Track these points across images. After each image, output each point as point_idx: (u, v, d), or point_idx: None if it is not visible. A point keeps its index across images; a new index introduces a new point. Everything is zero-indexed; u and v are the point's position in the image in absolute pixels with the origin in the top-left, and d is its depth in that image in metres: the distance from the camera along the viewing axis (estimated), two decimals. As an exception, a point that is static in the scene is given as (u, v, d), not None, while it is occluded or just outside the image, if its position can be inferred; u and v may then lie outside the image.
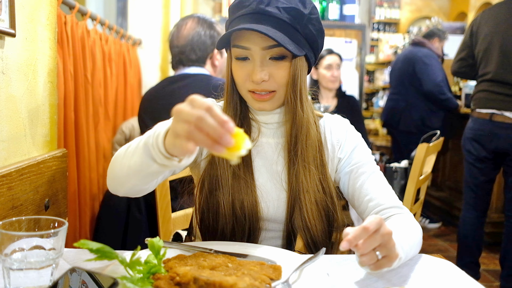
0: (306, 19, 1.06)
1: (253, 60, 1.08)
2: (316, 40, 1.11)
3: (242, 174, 1.12)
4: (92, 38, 2.22)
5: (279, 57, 1.07)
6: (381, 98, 6.79)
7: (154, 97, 2.09)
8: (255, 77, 1.06)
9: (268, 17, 1.04)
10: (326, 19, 4.97)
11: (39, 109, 1.28)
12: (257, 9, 1.04)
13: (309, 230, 1.10)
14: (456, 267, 0.98)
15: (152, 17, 3.63)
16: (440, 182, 4.74)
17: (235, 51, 1.10)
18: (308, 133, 1.12)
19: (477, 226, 2.87)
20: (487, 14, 2.81)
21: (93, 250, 0.79)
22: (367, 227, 0.79)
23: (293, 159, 1.13)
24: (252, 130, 1.18)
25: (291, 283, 0.84)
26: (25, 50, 1.19)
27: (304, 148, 1.12)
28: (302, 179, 1.11)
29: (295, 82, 1.09)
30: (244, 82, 1.10)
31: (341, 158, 1.20)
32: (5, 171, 1.04)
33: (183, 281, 0.77)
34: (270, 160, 1.17)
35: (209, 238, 1.16)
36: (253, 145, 1.17)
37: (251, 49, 1.07)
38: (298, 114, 1.11)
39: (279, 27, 1.04)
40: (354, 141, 1.21)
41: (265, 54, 1.07)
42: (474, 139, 2.79)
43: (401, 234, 0.98)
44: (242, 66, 1.09)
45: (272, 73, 1.08)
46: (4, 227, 0.79)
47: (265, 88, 1.09)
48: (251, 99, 1.12)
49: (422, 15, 8.31)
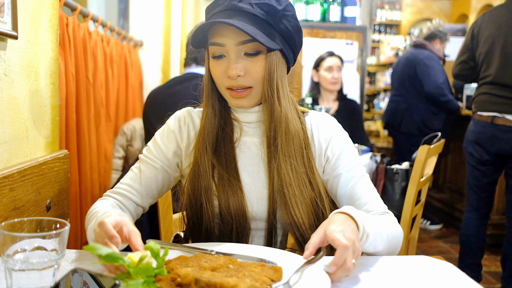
0: (280, 15, 1.07)
1: (228, 56, 1.09)
2: (292, 36, 1.11)
3: (226, 175, 1.13)
4: (93, 39, 2.23)
5: (253, 52, 1.08)
6: (382, 100, 6.78)
7: (160, 96, 2.10)
8: (231, 72, 1.07)
9: (241, 13, 1.05)
10: (327, 21, 4.98)
11: (41, 111, 1.28)
12: (229, 6, 1.06)
13: (298, 226, 1.09)
14: (457, 269, 0.98)
15: (154, 18, 3.64)
16: (441, 183, 4.73)
17: (211, 49, 1.11)
18: (288, 128, 1.12)
19: (480, 227, 2.87)
20: (488, 16, 2.80)
21: (102, 256, 0.79)
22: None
23: (273, 153, 1.12)
24: (235, 130, 1.19)
25: (292, 284, 0.84)
26: (27, 52, 1.19)
27: (284, 142, 1.11)
28: (283, 173, 1.10)
29: (271, 77, 1.09)
30: (222, 79, 1.10)
31: (329, 157, 1.18)
32: (7, 172, 1.04)
33: (184, 282, 0.77)
34: (253, 159, 1.17)
35: (196, 240, 1.17)
36: (236, 145, 1.17)
37: (225, 45, 1.07)
38: (276, 110, 1.11)
39: (251, 22, 1.04)
40: (343, 141, 1.20)
41: (240, 49, 1.07)
42: (476, 142, 2.79)
43: (373, 218, 1.04)
44: (219, 64, 1.10)
45: (248, 68, 1.08)
46: (7, 228, 0.79)
47: (241, 84, 1.09)
48: (229, 96, 1.12)
49: (423, 17, 8.31)
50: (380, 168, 2.48)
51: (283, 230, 1.18)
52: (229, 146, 1.16)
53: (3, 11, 1.04)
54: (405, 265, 1.01)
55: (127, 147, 2.78)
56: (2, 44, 1.07)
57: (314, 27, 4.85)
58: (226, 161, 1.14)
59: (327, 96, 3.30)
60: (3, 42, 1.07)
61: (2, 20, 1.04)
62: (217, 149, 1.15)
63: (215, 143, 1.15)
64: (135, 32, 3.53)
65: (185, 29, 4.43)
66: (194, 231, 1.17)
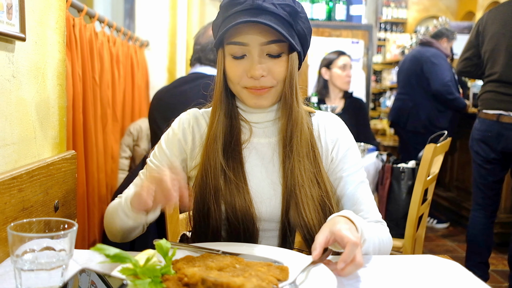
0: (298, 16, 1.07)
1: (250, 56, 1.07)
2: (306, 38, 1.11)
3: (233, 178, 1.12)
4: (100, 40, 2.24)
5: (276, 54, 1.07)
6: (388, 98, 6.76)
7: (166, 96, 2.11)
8: (255, 72, 1.05)
9: (266, 12, 1.03)
10: (333, 19, 4.96)
11: (48, 112, 1.29)
12: (254, 5, 1.03)
13: (306, 225, 1.10)
14: (464, 268, 0.98)
15: (159, 18, 3.65)
16: (448, 182, 4.71)
17: (231, 48, 1.08)
18: (302, 128, 1.13)
19: (487, 226, 2.86)
20: (494, 13, 2.79)
21: (110, 256, 0.80)
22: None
23: (288, 154, 1.12)
24: (243, 131, 1.18)
25: (298, 284, 0.84)
26: (35, 53, 1.20)
27: (299, 143, 1.12)
28: (297, 174, 1.11)
29: (292, 77, 1.09)
30: (240, 78, 1.09)
31: (334, 158, 1.19)
32: (16, 173, 1.05)
33: (191, 282, 0.77)
34: (264, 159, 1.17)
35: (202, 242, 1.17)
36: (245, 146, 1.17)
37: (249, 44, 1.06)
38: (294, 110, 1.12)
39: (277, 22, 1.03)
40: (348, 143, 1.20)
41: (263, 50, 1.06)
42: (482, 141, 2.78)
43: (369, 224, 1.07)
44: (238, 64, 1.08)
45: (271, 69, 1.07)
46: (16, 228, 0.80)
47: (264, 85, 1.08)
48: (248, 94, 1.10)
49: (429, 15, 8.26)
50: (386, 167, 2.47)
51: (293, 229, 1.19)
52: (237, 148, 1.16)
53: (11, 14, 1.05)
54: (412, 264, 1.01)
55: (133, 147, 2.80)
56: (10, 46, 1.08)
57: (319, 26, 4.84)
58: (233, 164, 1.14)
59: (336, 94, 3.29)
60: (11, 44, 1.08)
61: (10, 23, 1.05)
62: (226, 152, 1.15)
63: (225, 146, 1.15)
64: (141, 32, 3.54)
65: (191, 29, 4.43)
66: (200, 234, 1.17)
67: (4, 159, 1.07)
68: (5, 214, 1.00)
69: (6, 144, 1.07)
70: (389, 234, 1.15)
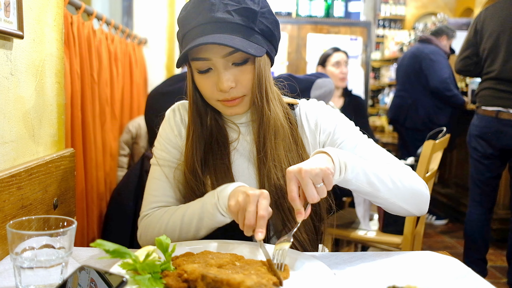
0: (259, 15, 1.04)
1: (215, 69, 1.06)
2: (272, 33, 1.09)
3: (220, 178, 1.12)
4: (98, 37, 2.24)
5: (241, 62, 1.05)
6: (387, 95, 6.77)
7: (160, 94, 2.10)
8: (222, 85, 1.04)
9: (221, 24, 1.01)
10: (331, 16, 4.97)
11: (47, 110, 1.29)
12: (208, 18, 1.01)
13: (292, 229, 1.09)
14: (463, 264, 0.99)
15: (158, 16, 3.64)
16: (447, 179, 4.72)
17: (195, 64, 1.07)
18: (277, 132, 1.11)
19: (484, 222, 2.86)
20: (491, 11, 2.78)
21: (109, 251, 0.80)
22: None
23: (262, 160, 1.11)
24: (231, 132, 1.18)
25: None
26: (33, 51, 1.20)
27: (274, 148, 1.10)
28: (274, 179, 1.09)
29: (260, 82, 1.07)
30: (212, 93, 1.08)
31: (324, 140, 1.17)
32: (15, 171, 1.05)
33: (190, 278, 0.78)
34: (246, 161, 1.16)
35: None
36: (234, 146, 1.17)
37: (212, 59, 1.04)
38: (265, 114, 1.09)
39: (234, 32, 1.01)
40: (333, 120, 1.18)
41: (227, 60, 1.04)
42: (480, 137, 2.78)
43: (359, 157, 1.05)
44: (206, 78, 1.07)
45: (238, 78, 1.06)
46: (15, 226, 0.80)
47: (235, 96, 1.07)
48: (222, 107, 1.10)
49: (427, 11, 8.27)
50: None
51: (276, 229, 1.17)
52: (224, 152, 1.15)
53: (9, 11, 1.05)
54: (411, 260, 1.01)
55: (132, 145, 2.79)
56: (8, 44, 1.08)
57: (318, 23, 4.83)
58: (220, 172, 1.13)
59: (334, 92, 3.29)
60: (9, 42, 1.08)
61: (8, 20, 1.05)
62: (208, 162, 1.15)
63: (206, 156, 1.15)
64: (139, 30, 3.53)
65: (189, 26, 4.42)
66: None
67: (3, 157, 1.07)
68: (4, 212, 1.00)
69: (4, 142, 1.07)
70: (414, 173, 1.11)
